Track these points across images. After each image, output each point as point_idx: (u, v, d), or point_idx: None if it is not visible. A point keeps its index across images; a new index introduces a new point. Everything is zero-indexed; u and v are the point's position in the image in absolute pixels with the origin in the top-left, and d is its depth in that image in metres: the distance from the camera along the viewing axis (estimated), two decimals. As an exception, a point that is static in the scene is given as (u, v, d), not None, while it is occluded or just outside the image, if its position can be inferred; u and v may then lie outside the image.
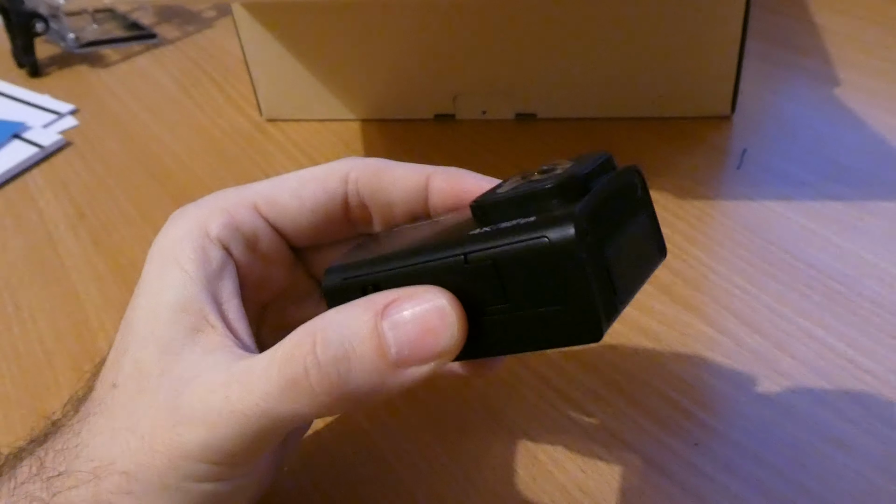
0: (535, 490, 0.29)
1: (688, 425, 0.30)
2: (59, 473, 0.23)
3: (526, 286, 0.20)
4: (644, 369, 0.32)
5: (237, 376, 0.21)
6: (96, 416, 0.23)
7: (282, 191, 0.26)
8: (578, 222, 0.19)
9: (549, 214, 0.19)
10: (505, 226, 0.20)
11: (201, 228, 0.25)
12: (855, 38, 0.55)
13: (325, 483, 0.30)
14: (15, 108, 0.59)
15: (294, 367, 0.21)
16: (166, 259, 0.24)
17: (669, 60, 0.46)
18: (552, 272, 0.19)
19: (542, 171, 0.22)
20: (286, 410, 0.21)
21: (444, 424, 0.31)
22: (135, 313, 0.24)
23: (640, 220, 0.22)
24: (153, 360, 0.23)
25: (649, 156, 0.46)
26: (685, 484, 0.28)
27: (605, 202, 0.20)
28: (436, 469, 0.30)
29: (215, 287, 0.24)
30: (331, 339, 0.21)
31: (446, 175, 0.26)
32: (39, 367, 0.37)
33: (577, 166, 0.21)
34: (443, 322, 0.20)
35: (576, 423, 0.31)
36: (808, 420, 0.30)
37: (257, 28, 0.49)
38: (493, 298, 0.20)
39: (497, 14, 0.46)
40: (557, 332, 0.20)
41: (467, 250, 0.20)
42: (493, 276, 0.20)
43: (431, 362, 0.21)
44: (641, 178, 0.22)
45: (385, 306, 0.21)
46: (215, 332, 0.23)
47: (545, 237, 0.19)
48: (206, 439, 0.21)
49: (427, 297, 0.20)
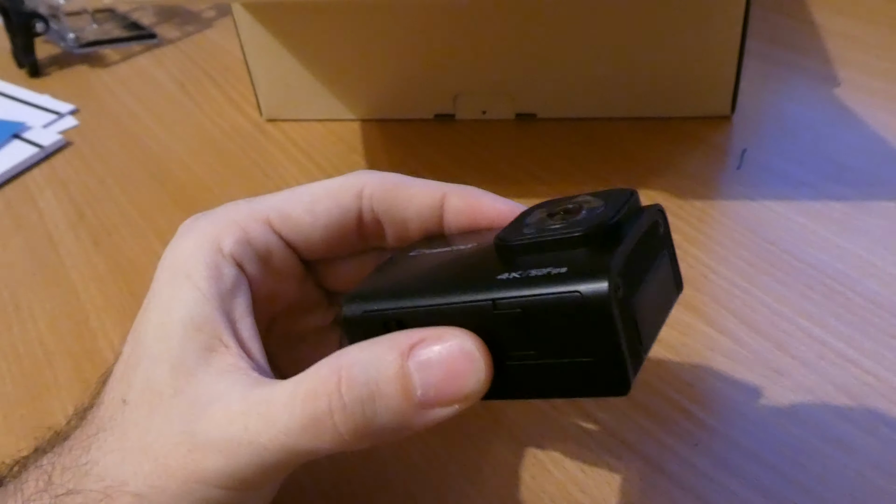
0: (535, 490, 0.29)
1: (688, 425, 0.30)
2: (69, 491, 0.22)
3: (554, 337, 0.20)
4: (644, 369, 0.32)
5: (256, 406, 0.21)
6: (106, 433, 0.23)
7: (295, 206, 0.26)
8: (612, 278, 0.18)
9: (581, 266, 0.19)
10: (535, 274, 0.20)
11: (214, 243, 0.24)
12: (855, 38, 0.55)
13: (324, 483, 0.30)
14: (15, 108, 0.59)
15: (317, 406, 0.20)
16: (178, 274, 0.24)
17: (669, 60, 0.46)
18: (582, 325, 0.19)
19: (567, 210, 0.22)
20: (306, 446, 0.21)
21: (444, 426, 0.31)
22: (145, 328, 0.24)
23: (662, 261, 0.22)
24: (165, 380, 0.22)
25: (649, 156, 0.46)
26: (685, 484, 0.28)
27: (635, 252, 0.20)
28: (436, 469, 0.30)
29: (229, 305, 0.24)
30: (356, 378, 0.20)
31: (463, 194, 0.26)
32: (39, 367, 0.37)
33: (606, 210, 0.21)
34: (470, 366, 0.20)
35: (576, 424, 0.31)
36: (808, 420, 0.30)
37: (257, 28, 0.49)
38: (520, 345, 0.20)
39: (497, 14, 0.46)
40: (584, 384, 0.20)
41: (496, 296, 0.20)
42: (521, 324, 0.20)
43: (456, 405, 0.20)
44: (664, 217, 0.22)
45: (411, 347, 0.20)
46: (229, 353, 0.23)
47: (578, 292, 0.18)
48: (224, 467, 0.21)
49: (454, 339, 0.20)
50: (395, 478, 0.30)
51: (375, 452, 0.31)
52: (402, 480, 0.30)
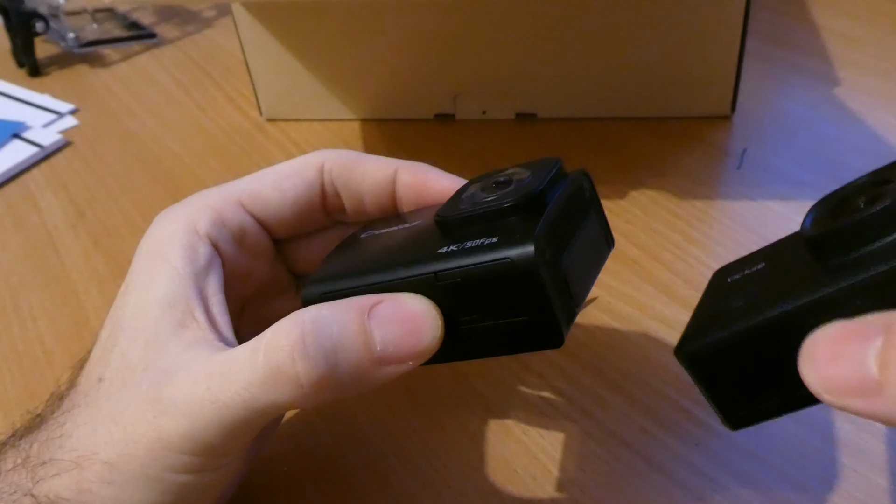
0: (536, 490, 0.29)
1: (688, 425, 0.30)
2: (43, 462, 0.23)
3: (492, 300, 0.21)
4: (644, 369, 0.32)
5: (219, 367, 0.22)
6: (80, 408, 0.24)
7: (263, 184, 0.28)
8: (538, 242, 0.20)
9: (510, 234, 0.21)
10: (471, 245, 0.21)
11: (190, 226, 0.26)
12: (855, 38, 0.55)
13: (325, 483, 0.30)
14: (15, 108, 0.59)
15: (280, 356, 0.21)
16: (155, 256, 0.25)
17: (669, 60, 0.46)
18: (515, 288, 0.21)
19: (498, 182, 0.24)
20: (267, 400, 0.21)
21: (445, 425, 0.32)
22: (122, 311, 0.25)
23: (590, 221, 0.24)
24: (139, 355, 0.23)
25: (649, 156, 0.46)
26: (685, 484, 0.28)
27: (560, 215, 0.22)
28: (436, 468, 0.30)
29: (202, 283, 0.25)
30: (321, 330, 0.21)
31: (412, 170, 0.27)
32: (39, 367, 0.37)
33: (533, 180, 0.23)
34: (424, 323, 0.22)
35: (576, 423, 0.31)
36: (808, 420, 0.30)
37: (257, 28, 0.49)
38: (464, 310, 0.22)
39: (497, 14, 0.46)
40: (524, 341, 0.22)
41: (437, 269, 0.22)
42: (462, 291, 0.21)
43: (410, 361, 0.22)
44: (589, 180, 0.24)
45: (371, 306, 0.22)
46: (199, 327, 0.24)
47: (508, 258, 0.20)
48: (188, 430, 0.22)
49: (410, 301, 0.22)
50: (394, 477, 0.30)
51: (376, 452, 0.31)
52: (401, 480, 0.30)
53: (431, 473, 0.30)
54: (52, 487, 0.22)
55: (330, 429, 0.32)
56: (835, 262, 0.19)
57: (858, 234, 0.18)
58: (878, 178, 0.20)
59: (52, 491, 0.22)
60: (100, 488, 0.22)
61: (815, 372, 0.17)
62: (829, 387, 0.17)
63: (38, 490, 0.22)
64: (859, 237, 0.18)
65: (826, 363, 0.17)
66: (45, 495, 0.22)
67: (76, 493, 0.22)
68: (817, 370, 0.17)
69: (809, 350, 0.18)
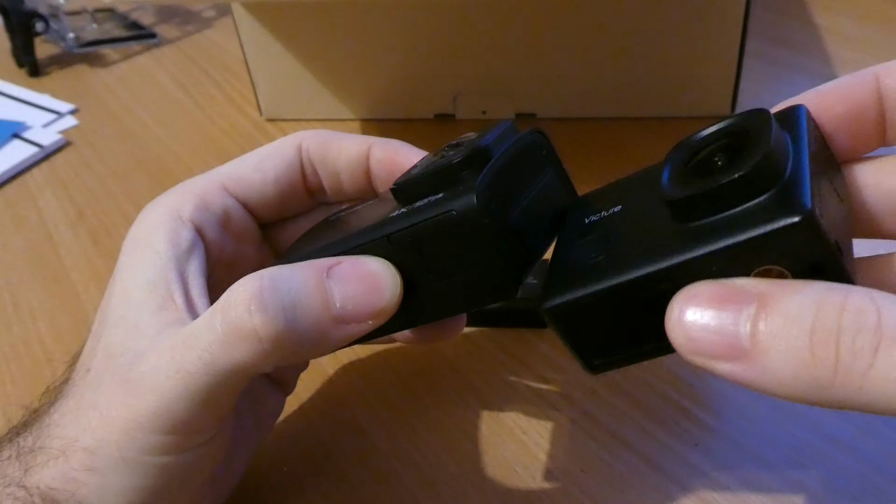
0: (536, 489, 0.29)
1: (688, 425, 0.30)
2: (32, 452, 0.23)
3: (443, 257, 0.22)
4: (644, 369, 0.32)
5: (182, 337, 0.22)
6: (67, 398, 0.24)
7: (245, 167, 0.28)
8: (480, 191, 0.20)
9: (454, 189, 0.21)
10: (419, 204, 0.22)
11: (174, 212, 0.26)
12: (855, 38, 0.55)
13: (325, 483, 0.30)
14: (15, 108, 0.59)
15: (238, 311, 0.21)
16: (139, 244, 0.25)
17: (669, 60, 0.46)
18: (463, 241, 0.21)
19: (451, 145, 0.24)
20: (228, 360, 0.21)
21: (445, 425, 0.31)
22: (109, 301, 0.25)
23: (546, 176, 0.24)
24: (120, 342, 0.23)
25: (650, 156, 0.46)
26: (685, 484, 0.28)
27: (507, 168, 0.22)
28: (436, 468, 0.30)
29: (184, 266, 0.25)
30: (279, 286, 0.21)
31: (384, 146, 0.28)
32: (39, 367, 0.37)
33: (481, 137, 0.23)
34: (383, 281, 0.22)
35: (576, 423, 0.31)
36: (808, 420, 0.30)
37: (257, 28, 0.49)
38: (419, 271, 0.22)
39: (497, 14, 0.46)
40: (477, 295, 0.22)
41: (388, 231, 0.22)
42: (414, 251, 0.22)
43: (370, 320, 0.22)
44: (545, 138, 0.24)
45: (329, 267, 0.22)
46: (176, 310, 0.24)
47: (452, 210, 0.21)
48: (155, 406, 0.22)
49: (368, 261, 0.22)
50: (394, 477, 0.30)
51: (376, 453, 0.31)
52: (401, 480, 0.30)
53: (431, 473, 0.30)
54: (42, 478, 0.23)
55: (330, 429, 0.32)
56: (694, 226, 0.19)
57: (717, 201, 0.18)
58: (734, 129, 0.20)
59: (42, 481, 0.22)
60: (84, 476, 0.22)
61: (682, 333, 0.18)
62: (695, 348, 0.17)
63: (29, 481, 0.23)
64: (718, 203, 0.18)
65: (694, 325, 0.17)
66: (36, 486, 0.22)
67: (63, 483, 0.22)
68: (685, 331, 0.17)
69: (678, 310, 0.18)
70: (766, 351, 0.16)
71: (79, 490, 0.22)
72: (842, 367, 0.16)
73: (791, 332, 0.16)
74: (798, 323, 0.16)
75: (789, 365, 0.16)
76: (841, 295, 0.16)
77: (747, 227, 0.17)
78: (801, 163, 0.18)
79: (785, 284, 0.17)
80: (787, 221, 0.17)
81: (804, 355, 0.16)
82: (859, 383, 0.15)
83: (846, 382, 0.16)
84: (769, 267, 0.17)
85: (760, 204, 0.18)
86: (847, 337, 0.16)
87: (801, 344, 0.16)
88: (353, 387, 0.34)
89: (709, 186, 0.18)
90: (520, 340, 0.34)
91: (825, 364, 0.16)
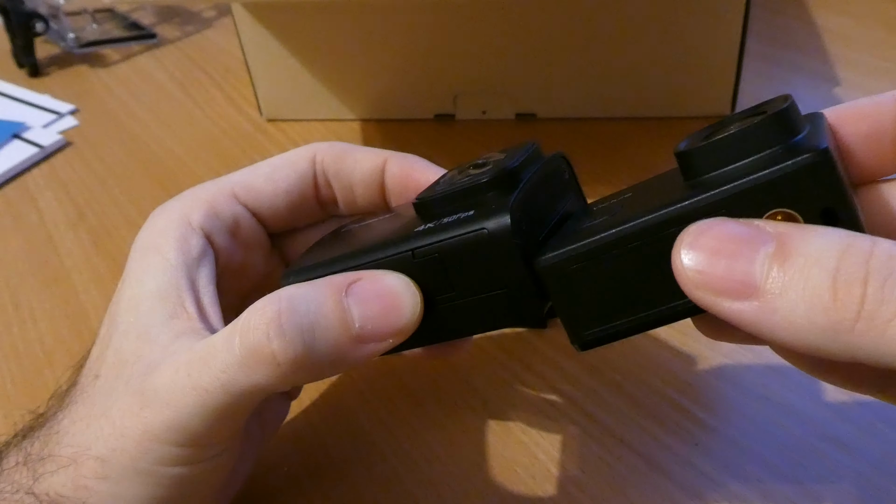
0: (536, 489, 0.29)
1: (688, 425, 0.30)
2: (42, 459, 0.23)
3: (470, 275, 0.21)
4: (644, 369, 0.32)
5: (199, 354, 0.22)
6: (77, 405, 0.24)
7: (256, 176, 0.28)
8: (513, 211, 0.20)
9: (486, 207, 0.21)
10: (447, 220, 0.21)
11: (183, 218, 0.26)
12: (855, 38, 0.55)
13: (325, 484, 0.30)
14: (15, 108, 0.59)
15: (256, 335, 0.21)
16: (148, 249, 0.25)
17: (669, 60, 0.46)
18: (492, 258, 0.21)
19: (476, 165, 0.23)
20: (245, 382, 0.21)
21: (445, 425, 0.31)
22: (118, 306, 0.25)
23: (569, 201, 0.24)
24: (131, 349, 0.23)
25: (650, 156, 0.46)
26: (685, 484, 0.28)
27: (536, 190, 0.22)
28: (436, 468, 0.30)
29: (194, 273, 0.25)
30: (297, 308, 0.21)
31: (400, 161, 0.28)
32: (39, 367, 0.37)
33: (508, 159, 0.23)
34: (403, 300, 0.22)
35: (576, 423, 0.31)
36: (808, 420, 0.30)
37: (257, 28, 0.49)
38: (442, 288, 0.22)
39: (497, 14, 0.46)
40: (504, 315, 0.22)
41: (413, 246, 0.22)
42: (439, 267, 0.21)
43: (390, 339, 0.22)
44: (567, 164, 0.24)
45: (349, 284, 0.22)
46: (188, 318, 0.24)
47: (484, 228, 0.20)
48: (171, 420, 0.21)
49: (388, 277, 0.22)
50: (395, 477, 0.30)
51: (376, 453, 0.31)
52: (401, 479, 0.30)
53: (431, 473, 0.30)
54: (52, 485, 0.22)
55: (330, 429, 0.32)
56: (704, 178, 0.19)
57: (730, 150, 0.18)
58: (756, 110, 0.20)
59: (52, 489, 0.22)
60: (95, 484, 0.22)
61: (692, 263, 0.17)
62: (703, 281, 0.17)
63: (38, 488, 0.23)
64: (731, 153, 0.18)
65: (708, 256, 0.17)
66: (45, 493, 0.22)
67: (73, 490, 0.22)
68: (695, 262, 0.17)
69: (690, 239, 0.17)
70: (781, 292, 0.16)
71: (90, 498, 0.22)
72: (866, 313, 0.15)
73: (812, 272, 0.15)
74: (821, 265, 0.15)
75: (805, 307, 0.15)
76: (869, 241, 0.15)
77: (762, 169, 0.17)
78: (819, 129, 0.18)
79: (805, 227, 0.16)
80: (803, 161, 0.17)
81: (824, 298, 0.15)
82: (882, 329, 0.15)
83: (867, 329, 0.15)
84: (781, 210, 0.17)
85: (774, 152, 0.18)
86: (876, 281, 0.15)
87: (823, 286, 0.15)
88: (353, 387, 0.34)
89: (723, 135, 0.18)
90: (520, 340, 0.34)
91: (848, 308, 0.15)
